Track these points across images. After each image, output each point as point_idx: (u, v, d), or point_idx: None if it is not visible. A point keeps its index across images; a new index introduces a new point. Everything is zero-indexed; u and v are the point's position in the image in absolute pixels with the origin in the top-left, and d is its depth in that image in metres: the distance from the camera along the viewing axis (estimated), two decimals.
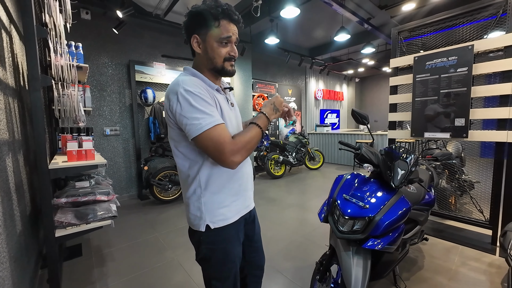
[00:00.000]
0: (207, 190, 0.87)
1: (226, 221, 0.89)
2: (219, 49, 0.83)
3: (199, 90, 0.78)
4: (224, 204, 0.89)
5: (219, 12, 0.79)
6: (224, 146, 0.75)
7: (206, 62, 0.86)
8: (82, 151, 1.65)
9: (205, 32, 0.82)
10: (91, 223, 1.62)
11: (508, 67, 2.04)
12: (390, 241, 1.31)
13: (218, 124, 0.77)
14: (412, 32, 2.74)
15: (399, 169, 1.37)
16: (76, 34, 3.40)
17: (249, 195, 1.01)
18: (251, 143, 0.81)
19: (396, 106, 2.88)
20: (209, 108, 0.78)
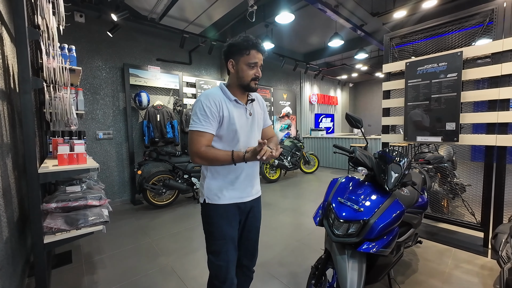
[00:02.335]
0: (211, 173, 1.17)
1: (218, 200, 1.15)
2: (248, 71, 1.11)
3: (206, 102, 1.08)
4: (219, 188, 1.16)
5: (250, 45, 1.09)
6: (193, 146, 1.08)
7: (237, 80, 1.14)
8: (74, 155, 1.62)
9: (238, 58, 1.11)
10: (82, 228, 1.58)
11: (496, 73, 2.10)
12: (384, 244, 1.32)
13: (201, 131, 1.07)
14: (403, 39, 2.81)
15: (392, 172, 1.39)
16: (69, 37, 3.37)
17: (247, 190, 1.22)
18: (213, 161, 1.08)
19: (389, 111, 2.92)
20: (204, 117, 1.07)
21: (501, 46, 2.06)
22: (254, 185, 1.28)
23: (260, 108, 1.30)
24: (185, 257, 2.27)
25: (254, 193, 1.27)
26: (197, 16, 3.45)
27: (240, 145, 1.16)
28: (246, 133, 1.18)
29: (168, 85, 4.33)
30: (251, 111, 1.21)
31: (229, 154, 1.05)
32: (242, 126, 1.15)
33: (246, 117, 1.18)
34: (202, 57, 4.87)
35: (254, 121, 1.23)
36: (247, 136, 1.19)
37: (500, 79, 2.10)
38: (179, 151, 3.95)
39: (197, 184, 3.83)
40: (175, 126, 4.20)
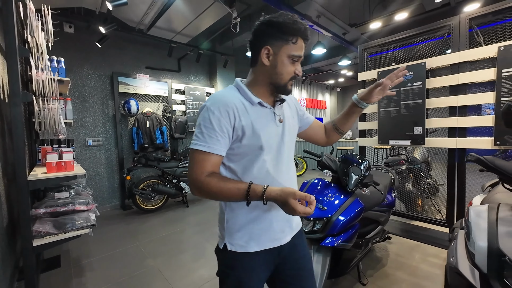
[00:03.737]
0: (231, 208, 0.84)
1: (244, 248, 0.82)
2: (289, 66, 0.80)
3: (214, 110, 0.76)
4: (245, 231, 0.83)
5: (299, 30, 0.77)
6: (193, 172, 0.75)
7: (270, 76, 0.81)
8: (62, 162, 1.72)
9: (279, 45, 0.77)
10: (70, 232, 1.68)
11: (454, 82, 2.31)
12: (346, 238, 1.47)
13: (205, 152, 0.75)
14: (376, 49, 3.02)
15: (353, 174, 1.55)
16: (59, 46, 3.45)
17: (281, 228, 0.86)
18: (217, 197, 0.76)
19: (365, 116, 3.12)
20: (210, 133, 0.76)
21: (458, 58, 2.28)
22: (294, 218, 0.92)
23: (290, 111, 0.95)
24: (172, 258, 2.37)
25: (295, 227, 0.92)
26: (184, 27, 3.59)
27: (268, 166, 0.82)
28: (275, 149, 0.84)
29: (157, 92, 4.45)
30: (281, 116, 0.88)
31: (242, 187, 0.73)
32: (269, 140, 0.82)
33: (276, 125, 0.85)
34: (191, 64, 5.01)
35: (285, 130, 0.88)
36: (277, 152, 0.85)
37: (458, 88, 2.31)
38: (168, 156, 4.06)
39: (186, 189, 3.93)
40: (165, 132, 4.30)
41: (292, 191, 0.70)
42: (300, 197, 0.69)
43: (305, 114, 1.03)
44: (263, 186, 0.72)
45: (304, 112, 1.04)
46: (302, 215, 0.70)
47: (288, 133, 0.89)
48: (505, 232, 0.94)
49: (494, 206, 1.08)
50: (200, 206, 4.04)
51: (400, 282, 1.88)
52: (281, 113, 0.88)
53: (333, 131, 1.05)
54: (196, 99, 4.96)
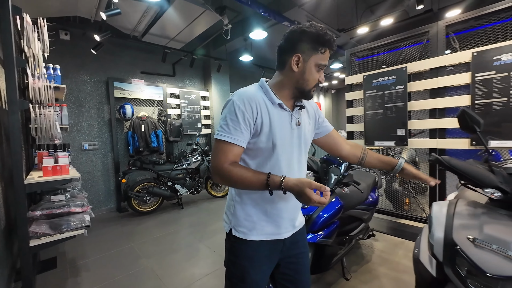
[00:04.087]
0: (240, 196, 0.92)
1: (246, 235, 0.89)
2: (315, 74, 0.86)
3: (240, 104, 0.82)
4: (250, 219, 0.90)
5: (329, 41, 0.83)
6: (217, 161, 0.82)
7: (296, 81, 0.87)
8: (57, 166, 1.81)
9: (309, 53, 0.83)
10: (65, 232, 1.76)
11: (434, 85, 2.43)
12: (326, 234, 1.57)
13: (229, 143, 0.82)
14: (363, 53, 3.14)
15: (332, 174, 1.65)
16: (55, 53, 3.53)
17: (284, 224, 0.93)
18: (237, 184, 0.81)
19: (353, 118, 3.23)
20: (234, 124, 0.82)
21: (437, 63, 2.40)
22: (298, 216, 1.00)
23: (309, 118, 1.00)
24: (165, 258, 2.45)
25: (297, 225, 0.99)
26: (177, 33, 3.70)
27: (281, 165, 0.88)
28: (289, 150, 0.90)
29: (152, 97, 4.54)
30: (299, 120, 0.94)
31: (261, 177, 0.79)
32: (284, 140, 0.88)
33: (291, 128, 0.91)
34: (186, 68, 5.11)
35: (301, 134, 0.94)
36: (290, 153, 0.91)
37: (438, 91, 2.43)
38: (163, 159, 4.14)
39: (180, 191, 4.01)
40: (160, 136, 4.39)
41: (308, 181, 0.75)
42: (316, 187, 0.73)
43: (325, 122, 1.08)
44: (281, 176, 0.78)
45: (324, 119, 1.09)
46: (317, 205, 0.74)
47: (303, 137, 0.95)
48: (459, 225, 1.04)
49: (454, 201, 1.18)
50: (194, 208, 4.12)
51: (382, 276, 1.98)
52: (299, 117, 0.94)
53: (357, 156, 1.10)
54: (190, 103, 5.05)
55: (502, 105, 2.05)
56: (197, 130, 5.13)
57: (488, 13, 2.13)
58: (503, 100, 2.04)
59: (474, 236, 0.98)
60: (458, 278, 0.95)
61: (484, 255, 0.92)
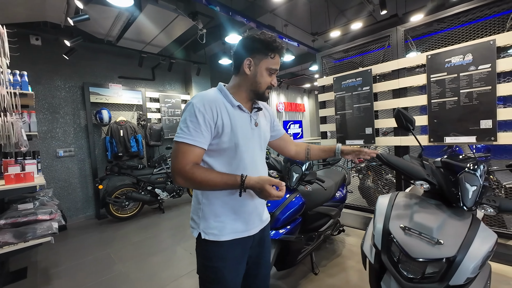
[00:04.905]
0: (207, 198, 0.92)
1: (218, 236, 0.89)
2: (266, 77, 0.94)
3: (200, 107, 0.85)
4: (219, 219, 0.91)
5: (278, 47, 0.91)
6: (178, 162, 0.83)
7: (250, 84, 0.94)
8: (21, 174, 1.79)
9: (260, 58, 0.91)
10: (30, 241, 1.74)
11: (395, 86, 2.58)
12: (288, 231, 1.64)
13: (190, 144, 0.83)
14: (336, 56, 3.28)
15: (294, 172, 1.73)
16: (25, 59, 3.46)
17: (252, 220, 0.96)
18: (202, 185, 0.83)
19: (326, 118, 3.35)
20: (194, 127, 0.84)
21: (397, 65, 2.55)
22: (264, 212, 1.04)
23: (265, 119, 1.08)
24: (141, 262, 2.45)
25: (264, 219, 1.04)
26: (152, 38, 3.71)
27: (246, 163, 0.93)
28: (251, 149, 0.95)
29: (131, 101, 4.50)
30: (257, 121, 1.00)
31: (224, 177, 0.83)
32: (245, 139, 0.93)
33: (251, 128, 0.96)
34: (166, 72, 5.10)
35: (261, 134, 1.01)
36: (253, 152, 0.96)
37: (400, 91, 2.58)
38: (143, 164, 4.11)
39: (161, 195, 3.99)
40: (139, 140, 4.35)
41: (268, 178, 0.83)
42: (274, 183, 0.82)
43: (278, 126, 1.18)
44: (242, 176, 0.83)
45: (278, 124, 1.19)
46: (276, 198, 0.82)
47: (263, 137, 1.02)
48: (395, 215, 1.14)
49: (395, 194, 1.28)
50: (176, 212, 4.11)
51: (349, 269, 2.07)
52: (257, 118, 1.00)
53: (303, 154, 1.22)
54: (171, 107, 5.05)
55: (454, 104, 2.21)
56: None
57: (440, 18, 2.30)
58: (454, 99, 2.20)
59: (405, 224, 1.07)
60: (392, 265, 1.04)
61: (411, 241, 1.01)
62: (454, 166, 1.09)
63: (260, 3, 3.31)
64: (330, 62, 3.38)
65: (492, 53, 1.99)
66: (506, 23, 2.01)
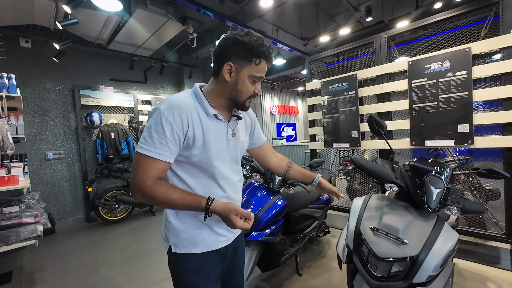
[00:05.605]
0: (176, 212, 0.84)
1: (188, 249, 0.83)
2: (249, 86, 0.82)
3: (168, 115, 0.74)
4: (189, 231, 0.84)
5: (264, 53, 0.79)
6: (138, 177, 0.73)
7: (230, 91, 0.82)
8: (5, 177, 1.79)
9: (242, 64, 0.79)
10: (13, 244, 1.74)
11: (379, 91, 2.65)
12: (271, 233, 1.67)
13: (152, 158, 0.73)
14: (324, 60, 3.35)
15: (276, 175, 1.77)
16: (14, 61, 3.46)
17: (222, 231, 0.88)
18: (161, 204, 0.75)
19: (314, 122, 3.41)
20: (160, 138, 0.74)
21: (380, 70, 2.62)
22: None
23: (245, 128, 0.99)
24: (127, 265, 2.45)
25: (235, 232, 0.95)
26: (143, 41, 3.74)
27: (219, 177, 0.85)
28: (225, 161, 0.87)
29: (122, 104, 4.50)
30: (235, 130, 0.90)
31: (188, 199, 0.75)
32: (219, 152, 0.84)
33: (227, 139, 0.87)
34: (158, 75, 5.11)
35: (238, 145, 0.91)
36: (226, 165, 0.87)
37: (383, 96, 2.65)
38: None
39: None
40: (131, 143, 4.35)
41: (235, 207, 0.75)
42: (242, 214, 0.75)
43: (260, 134, 1.08)
44: (209, 199, 0.75)
45: (260, 132, 1.09)
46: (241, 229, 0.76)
47: (239, 147, 0.92)
48: (366, 216, 1.19)
49: (369, 196, 1.33)
50: None
51: (332, 270, 2.11)
52: (235, 128, 0.90)
53: (283, 169, 1.15)
54: None
55: (434, 109, 2.28)
56: None
57: (420, 26, 2.38)
58: (433, 104, 2.28)
59: (375, 225, 1.12)
60: (362, 264, 1.09)
61: (379, 242, 1.06)
62: (420, 169, 1.14)
63: (248, 9, 3.37)
64: (322, 66, 3.45)
65: (468, 60, 2.08)
66: (481, 32, 2.10)
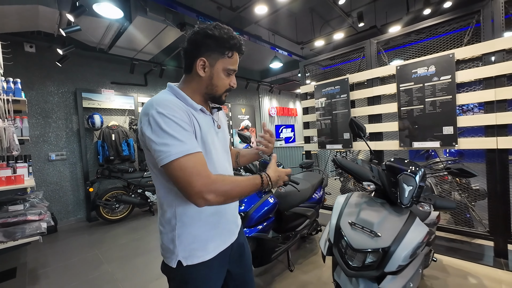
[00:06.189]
0: (182, 221, 0.80)
1: (201, 258, 0.81)
2: (224, 79, 0.83)
3: (173, 113, 0.71)
4: (199, 239, 0.81)
5: (236, 44, 0.79)
6: (196, 179, 0.68)
7: (205, 87, 0.83)
8: (12, 176, 1.90)
9: (215, 58, 0.79)
10: (19, 240, 1.84)
11: (370, 94, 2.75)
12: (262, 229, 1.77)
13: (193, 153, 0.70)
14: (320, 64, 3.46)
15: None
16: (19, 65, 3.58)
17: (230, 228, 0.91)
18: (238, 192, 0.74)
19: (309, 124, 3.51)
20: (182, 134, 0.71)
21: (371, 74, 2.73)
22: (237, 216, 1.00)
23: (224, 119, 1.01)
24: (126, 262, 2.55)
25: (238, 223, 0.99)
26: (143, 46, 3.86)
27: (217, 167, 0.85)
28: (219, 152, 0.88)
29: (123, 106, 4.62)
30: (219, 123, 0.93)
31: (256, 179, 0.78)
32: (213, 143, 0.85)
33: (215, 131, 0.89)
34: (158, 78, 5.23)
35: (225, 136, 0.95)
36: (221, 155, 0.89)
37: (374, 99, 2.75)
38: (132, 167, 4.22)
39: (151, 197, 4.09)
40: (131, 144, 4.46)
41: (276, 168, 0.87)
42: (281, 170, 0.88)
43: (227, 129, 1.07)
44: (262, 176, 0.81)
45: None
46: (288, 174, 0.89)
47: (226, 139, 0.96)
48: (346, 212, 1.29)
49: (351, 194, 1.43)
50: None
51: (322, 266, 2.20)
52: (218, 120, 0.93)
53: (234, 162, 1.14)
54: None
55: (420, 112, 2.38)
56: None
57: (408, 32, 2.49)
58: (420, 107, 2.38)
59: (353, 220, 1.22)
60: (340, 256, 1.18)
61: (356, 235, 1.16)
62: (395, 169, 1.24)
63: (244, 15, 3.49)
64: (318, 69, 3.55)
65: (452, 65, 2.18)
66: (464, 38, 2.20)
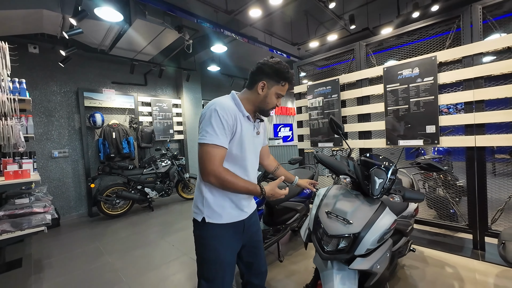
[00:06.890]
0: (211, 192, 1.09)
1: (219, 220, 1.08)
2: (274, 100, 1.13)
3: (223, 113, 1.00)
4: (221, 207, 1.09)
5: (289, 77, 1.12)
6: (209, 163, 0.98)
7: (259, 102, 1.12)
8: (19, 171, 2.03)
9: (273, 84, 1.10)
10: (26, 230, 1.98)
11: (359, 95, 2.87)
12: None
13: (217, 145, 0.99)
14: (311, 65, 3.58)
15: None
16: (23, 66, 3.71)
17: (247, 205, 1.18)
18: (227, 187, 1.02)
19: (302, 123, 3.63)
20: (220, 130, 0.99)
21: (360, 76, 2.84)
22: (251, 202, 1.26)
23: (263, 130, 1.30)
24: (126, 254, 2.69)
25: (252, 206, 1.25)
26: (143, 47, 3.98)
27: (248, 165, 1.14)
28: (252, 153, 1.17)
29: (123, 105, 4.75)
30: (259, 130, 1.21)
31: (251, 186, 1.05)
32: (249, 145, 1.13)
33: (253, 136, 1.16)
34: (158, 78, 5.36)
35: (260, 141, 1.24)
36: (251, 158, 1.17)
37: (363, 99, 2.87)
38: (134, 165, 4.35)
39: (150, 194, 4.23)
40: (131, 142, 4.60)
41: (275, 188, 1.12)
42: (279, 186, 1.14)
43: (266, 137, 1.37)
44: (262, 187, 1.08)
45: (266, 135, 1.38)
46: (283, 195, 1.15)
47: (260, 144, 1.25)
48: (324, 203, 1.41)
49: (330, 187, 1.55)
50: (164, 210, 4.34)
51: (310, 257, 2.33)
52: (259, 128, 1.21)
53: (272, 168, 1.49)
54: (162, 111, 5.31)
55: (405, 111, 2.50)
56: (169, 136, 5.38)
57: (394, 35, 2.60)
58: (405, 107, 2.49)
59: (329, 210, 1.34)
60: (317, 242, 1.31)
61: (331, 223, 1.28)
62: (368, 163, 1.36)
63: (239, 18, 3.61)
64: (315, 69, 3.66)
65: (434, 67, 2.29)
66: (446, 42, 2.31)
